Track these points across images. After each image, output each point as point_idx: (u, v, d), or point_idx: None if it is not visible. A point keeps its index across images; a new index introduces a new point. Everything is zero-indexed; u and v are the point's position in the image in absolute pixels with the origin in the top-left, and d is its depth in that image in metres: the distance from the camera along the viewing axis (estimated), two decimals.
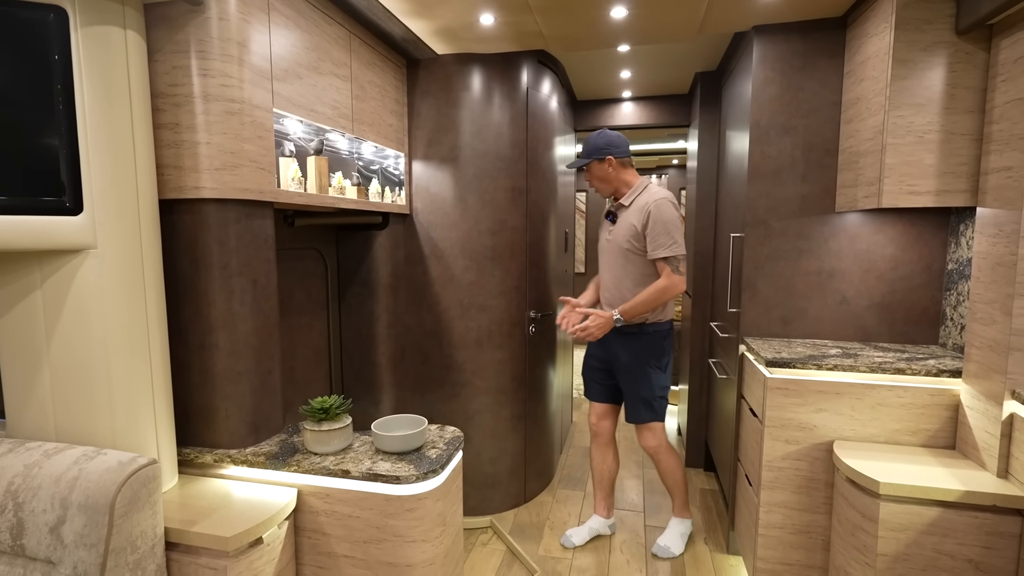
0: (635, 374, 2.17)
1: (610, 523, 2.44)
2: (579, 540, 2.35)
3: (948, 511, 1.42)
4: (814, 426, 1.76)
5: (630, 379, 2.18)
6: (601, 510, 2.43)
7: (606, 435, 2.37)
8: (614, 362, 2.23)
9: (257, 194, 1.43)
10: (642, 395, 2.17)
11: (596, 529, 2.40)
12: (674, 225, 2.04)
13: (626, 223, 2.13)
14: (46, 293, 1.21)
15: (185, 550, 1.20)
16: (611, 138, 2.17)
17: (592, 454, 2.42)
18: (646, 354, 2.16)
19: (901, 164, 1.67)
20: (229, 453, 1.43)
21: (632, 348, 2.17)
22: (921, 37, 1.61)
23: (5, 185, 1.11)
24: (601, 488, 2.42)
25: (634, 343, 2.16)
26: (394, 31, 2.03)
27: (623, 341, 2.18)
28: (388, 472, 1.32)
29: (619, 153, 2.16)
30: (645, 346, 2.16)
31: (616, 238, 2.17)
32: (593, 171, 2.18)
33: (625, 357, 2.18)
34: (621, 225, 2.16)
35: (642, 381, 2.16)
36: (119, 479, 1.06)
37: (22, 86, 1.10)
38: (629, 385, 2.20)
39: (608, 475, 2.40)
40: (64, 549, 1.04)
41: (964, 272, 1.85)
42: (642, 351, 2.16)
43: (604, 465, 2.39)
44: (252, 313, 1.46)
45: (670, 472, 2.29)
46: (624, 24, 2.06)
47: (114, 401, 1.23)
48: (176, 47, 1.32)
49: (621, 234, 2.14)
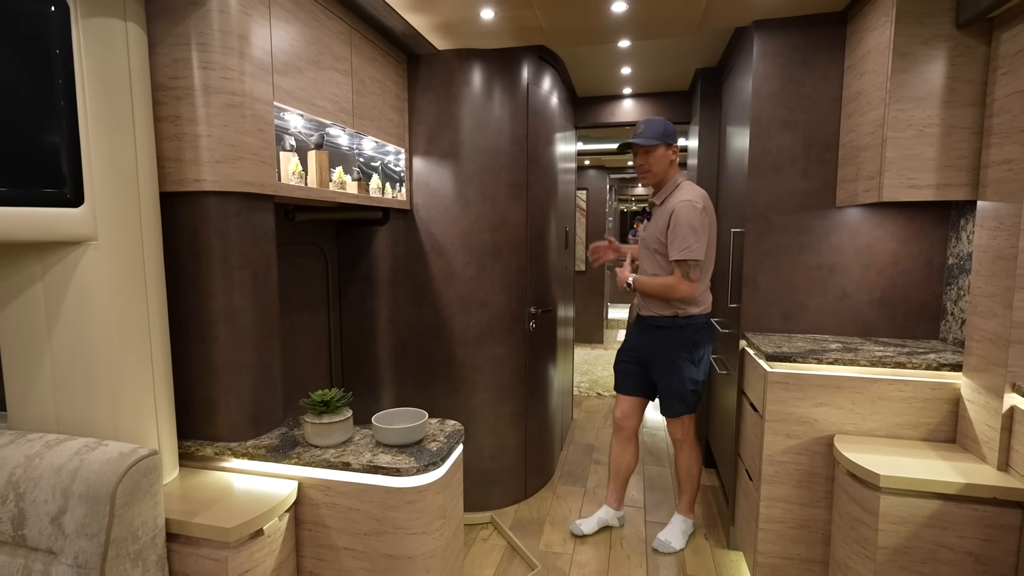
0: (667, 367, 2.17)
1: (619, 515, 2.45)
2: (588, 529, 2.37)
3: (948, 504, 1.42)
4: (815, 420, 1.76)
5: (663, 372, 2.18)
6: (612, 501, 2.44)
7: (630, 430, 2.36)
8: (647, 355, 2.23)
9: (258, 187, 1.43)
10: (674, 388, 2.17)
11: (606, 520, 2.42)
12: (691, 229, 1.99)
13: (656, 222, 2.12)
14: (47, 285, 1.21)
15: (186, 541, 1.20)
16: (674, 129, 2.12)
17: (612, 446, 2.42)
18: (678, 347, 2.15)
19: (902, 158, 1.67)
20: (230, 446, 1.43)
21: (665, 341, 2.16)
22: (921, 31, 1.61)
23: (6, 177, 1.11)
24: (615, 480, 2.43)
25: (667, 336, 2.16)
26: (394, 26, 2.03)
27: (656, 334, 2.18)
28: (389, 464, 1.32)
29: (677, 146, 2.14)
30: (677, 339, 2.15)
31: (648, 237, 2.16)
32: (655, 154, 2.07)
33: (658, 350, 2.18)
34: (653, 223, 2.15)
35: (674, 374, 2.16)
36: (120, 469, 1.06)
37: (23, 78, 1.10)
38: (662, 378, 2.19)
39: (626, 469, 2.40)
40: (65, 539, 1.04)
41: (964, 267, 1.84)
42: (674, 344, 2.15)
43: (623, 459, 2.39)
44: (253, 306, 1.46)
45: (688, 467, 2.30)
46: (625, 18, 2.06)
47: (115, 393, 1.24)
48: (177, 39, 1.32)
49: (652, 233, 2.13)
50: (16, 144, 1.11)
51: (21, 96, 1.11)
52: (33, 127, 1.12)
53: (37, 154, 1.13)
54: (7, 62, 1.09)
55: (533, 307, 2.60)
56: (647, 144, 2.06)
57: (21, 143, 1.12)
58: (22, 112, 1.11)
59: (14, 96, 1.10)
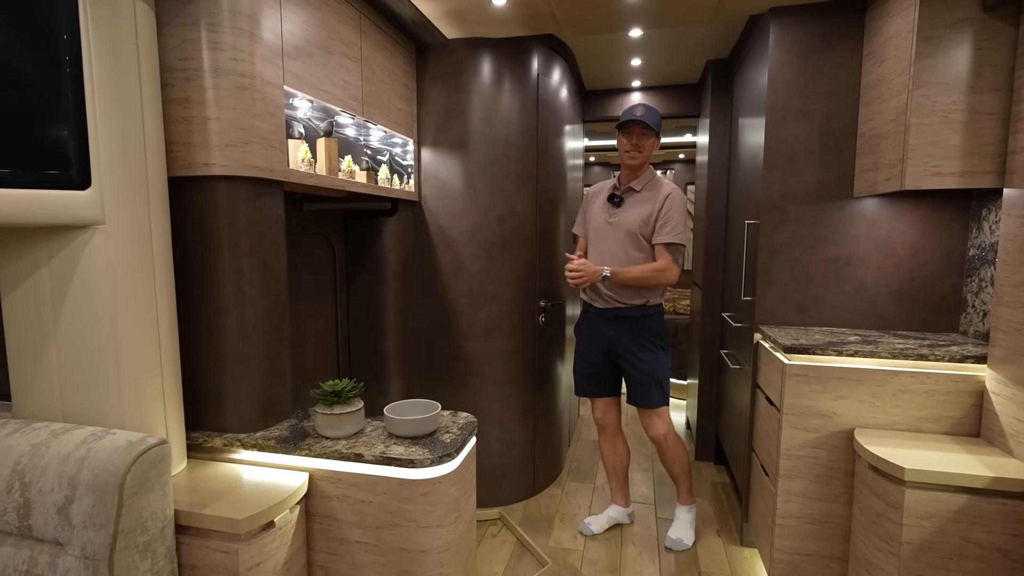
0: (643, 356, 2.14)
1: (629, 511, 2.42)
2: (597, 528, 2.33)
3: (975, 498, 1.38)
4: (833, 413, 1.72)
5: (639, 363, 2.14)
6: (619, 499, 2.40)
7: (613, 426, 2.34)
8: (616, 349, 2.19)
9: (268, 172, 1.40)
10: (654, 376, 2.14)
11: (615, 518, 2.38)
12: (682, 216, 2.08)
13: (637, 208, 2.10)
14: (53, 270, 1.18)
15: (195, 533, 1.17)
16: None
17: (602, 447, 2.39)
18: (650, 335, 2.14)
19: (925, 145, 1.63)
20: (239, 437, 1.40)
21: (636, 331, 2.14)
22: (947, 14, 1.57)
23: (11, 158, 1.07)
24: (616, 478, 2.40)
25: (637, 326, 2.13)
26: (404, 13, 2.00)
27: (625, 325, 2.15)
28: (402, 455, 1.29)
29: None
30: (648, 327, 2.13)
31: (624, 221, 2.12)
32: (649, 140, 2.10)
33: (629, 341, 2.15)
34: (631, 209, 2.12)
35: (652, 362, 2.13)
36: (128, 458, 1.03)
37: (30, 58, 1.07)
38: (639, 369, 2.15)
39: (621, 465, 2.37)
40: (72, 530, 1.01)
41: (986, 258, 1.81)
42: (646, 333, 2.13)
43: (615, 455, 2.36)
44: (262, 295, 1.43)
45: (679, 460, 2.26)
46: (639, 5, 2.02)
47: (122, 382, 1.20)
48: (185, 20, 1.29)
49: (632, 218, 2.10)
50: (22, 125, 1.08)
51: (28, 77, 1.07)
52: (40, 108, 1.09)
53: (43, 135, 1.10)
54: (14, 42, 1.06)
55: (542, 300, 2.57)
56: (652, 127, 2.07)
57: (27, 124, 1.08)
58: (28, 93, 1.08)
59: (21, 77, 1.07)
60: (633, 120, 2.06)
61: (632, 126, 2.08)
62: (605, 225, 2.17)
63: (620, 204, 2.16)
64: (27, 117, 1.08)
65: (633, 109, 2.08)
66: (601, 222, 2.18)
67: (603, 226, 2.17)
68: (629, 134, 2.10)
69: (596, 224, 2.20)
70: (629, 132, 2.10)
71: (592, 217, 2.22)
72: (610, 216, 2.16)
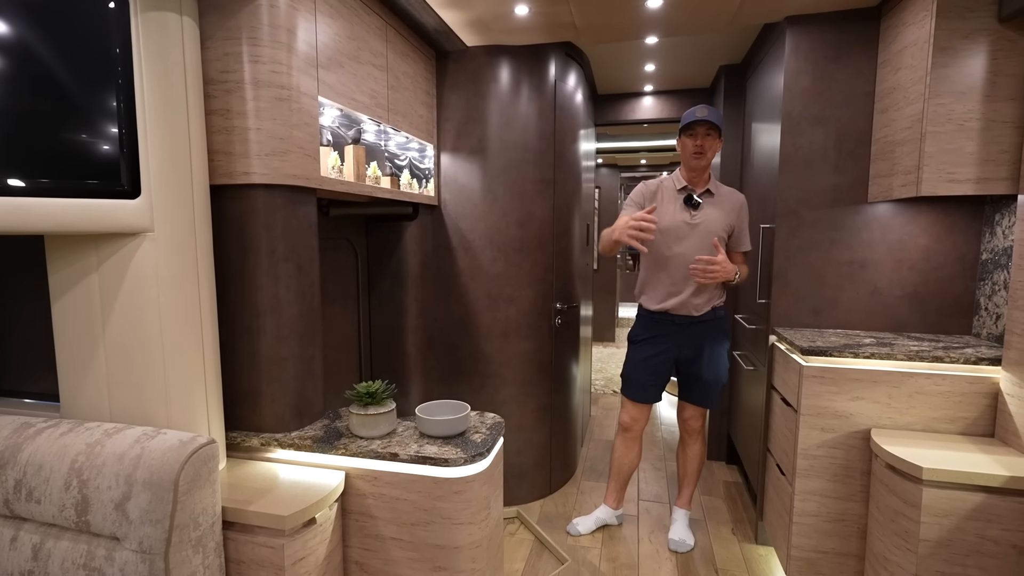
0: (716, 359, 2.18)
1: (618, 514, 2.44)
2: (585, 529, 2.36)
3: (993, 497, 1.42)
4: (850, 414, 1.76)
5: (711, 365, 2.17)
6: (612, 501, 2.42)
7: (638, 431, 2.33)
8: (689, 352, 2.17)
9: (304, 180, 1.44)
10: (722, 379, 2.19)
11: (603, 519, 2.40)
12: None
13: (718, 212, 2.09)
14: (103, 276, 1.23)
15: (241, 529, 1.21)
16: None
17: (616, 447, 2.38)
18: (723, 337, 2.19)
19: (941, 152, 1.67)
20: (275, 437, 1.44)
21: (712, 333, 2.17)
22: (963, 25, 1.61)
23: (67, 169, 1.12)
24: (618, 480, 2.41)
25: (713, 328, 2.17)
26: (427, 22, 2.04)
27: (700, 328, 2.15)
28: (436, 455, 1.33)
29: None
30: (721, 329, 2.19)
31: (707, 224, 2.07)
32: (713, 140, 2.05)
33: (703, 344, 2.16)
34: (712, 212, 2.09)
35: (721, 364, 2.19)
36: (182, 457, 1.08)
37: (85, 71, 1.12)
38: (712, 371, 2.18)
39: (629, 468, 2.39)
40: (130, 525, 1.06)
41: (999, 262, 1.84)
42: (720, 334, 2.18)
43: (627, 459, 2.36)
44: (297, 298, 1.48)
45: (699, 457, 2.31)
46: (658, 14, 2.07)
47: (168, 383, 1.25)
48: (228, 33, 1.34)
49: (715, 220, 2.07)
50: (77, 137, 1.13)
51: (83, 89, 1.12)
52: (93, 120, 1.14)
53: (97, 147, 1.15)
54: (71, 56, 1.11)
55: (559, 303, 2.61)
56: (718, 125, 2.03)
57: (82, 136, 1.13)
58: (83, 105, 1.13)
59: (76, 90, 1.12)
60: (697, 121, 2.02)
61: (697, 127, 2.03)
62: (686, 227, 2.10)
63: (697, 207, 2.10)
64: (82, 130, 1.13)
65: (695, 110, 2.04)
66: (680, 223, 2.10)
67: (683, 227, 2.10)
68: (694, 135, 2.05)
69: (674, 224, 2.10)
70: (693, 133, 2.05)
71: (665, 216, 2.11)
72: (691, 218, 2.10)
